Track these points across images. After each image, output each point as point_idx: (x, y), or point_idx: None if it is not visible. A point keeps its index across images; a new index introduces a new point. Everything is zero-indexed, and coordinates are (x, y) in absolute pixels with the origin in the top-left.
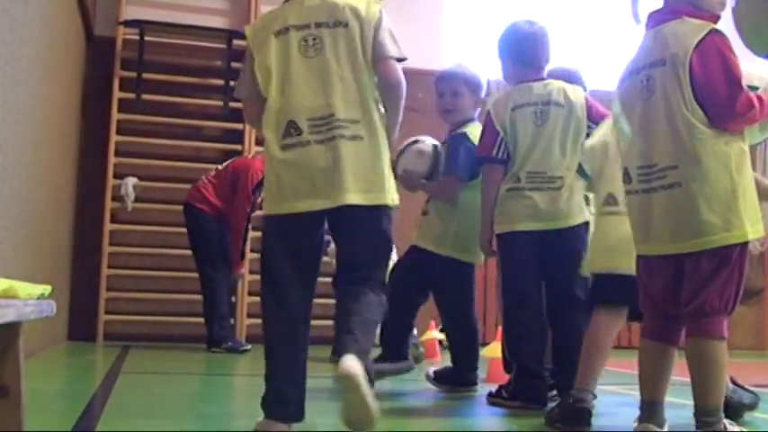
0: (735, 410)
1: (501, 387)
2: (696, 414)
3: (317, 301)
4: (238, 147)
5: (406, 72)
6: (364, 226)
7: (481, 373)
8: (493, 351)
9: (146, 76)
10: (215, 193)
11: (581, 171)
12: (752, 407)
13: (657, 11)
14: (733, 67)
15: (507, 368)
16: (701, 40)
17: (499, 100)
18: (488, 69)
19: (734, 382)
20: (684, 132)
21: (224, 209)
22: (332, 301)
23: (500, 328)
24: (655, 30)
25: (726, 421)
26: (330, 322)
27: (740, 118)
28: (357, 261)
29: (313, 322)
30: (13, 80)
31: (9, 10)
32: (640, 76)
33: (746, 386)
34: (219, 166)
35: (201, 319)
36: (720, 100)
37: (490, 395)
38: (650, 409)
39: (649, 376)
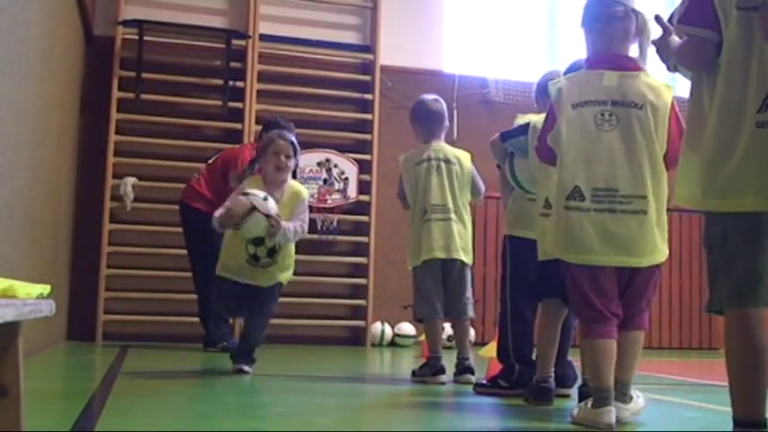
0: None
1: (495, 377)
2: (618, 387)
3: (319, 301)
4: (234, 146)
5: (407, 72)
6: None
7: (480, 372)
8: (491, 351)
9: (145, 75)
10: (207, 187)
11: (519, 185)
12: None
13: (615, 56)
14: (682, 125)
15: (503, 358)
16: (672, 100)
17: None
18: (488, 69)
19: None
20: (653, 169)
21: (216, 201)
22: (334, 301)
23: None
24: (617, 73)
25: (634, 392)
26: (331, 322)
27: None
28: None
29: (314, 322)
30: (13, 80)
31: (8, 10)
32: (601, 108)
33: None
34: (210, 161)
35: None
36: (677, 149)
37: (482, 386)
38: (611, 394)
39: (608, 369)
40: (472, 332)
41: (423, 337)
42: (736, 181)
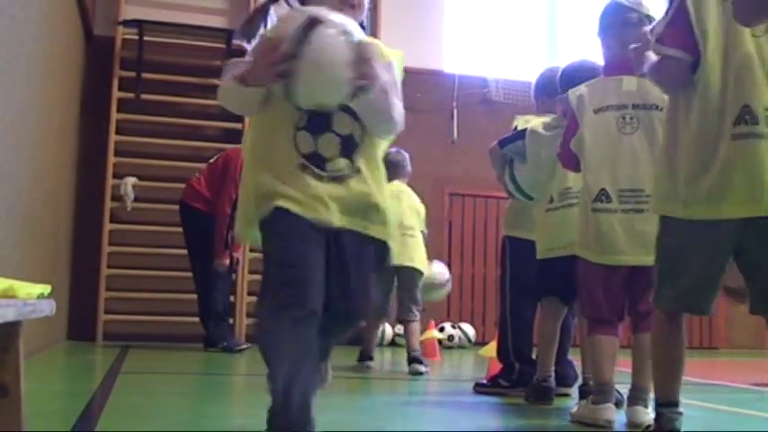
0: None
1: (495, 377)
2: (636, 392)
3: None
4: (238, 146)
5: (407, 72)
6: None
7: (479, 372)
8: (492, 350)
9: (145, 75)
10: (207, 187)
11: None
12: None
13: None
14: None
15: (503, 357)
16: None
17: None
18: (488, 69)
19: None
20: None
21: (215, 200)
22: None
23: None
24: (636, 78)
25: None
26: None
27: None
28: None
29: None
30: (13, 80)
31: (8, 10)
32: (622, 112)
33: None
34: (211, 160)
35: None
36: None
37: (483, 386)
38: (611, 390)
39: (609, 364)
40: (472, 332)
41: (423, 337)
42: (716, 192)
